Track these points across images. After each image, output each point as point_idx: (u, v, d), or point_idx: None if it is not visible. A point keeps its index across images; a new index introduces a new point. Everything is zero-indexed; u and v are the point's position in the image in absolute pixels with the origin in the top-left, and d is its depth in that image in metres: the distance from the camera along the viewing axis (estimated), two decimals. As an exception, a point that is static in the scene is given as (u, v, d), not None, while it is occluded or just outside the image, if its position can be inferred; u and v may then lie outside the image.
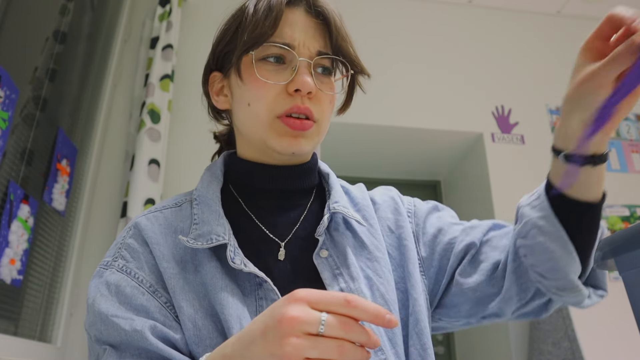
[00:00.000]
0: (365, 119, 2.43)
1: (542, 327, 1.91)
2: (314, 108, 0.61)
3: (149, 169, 1.91)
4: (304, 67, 0.61)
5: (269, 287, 0.56)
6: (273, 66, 0.61)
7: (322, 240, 0.62)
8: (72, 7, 1.76)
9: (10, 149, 1.32)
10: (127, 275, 0.57)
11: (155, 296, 0.56)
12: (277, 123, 0.61)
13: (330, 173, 0.72)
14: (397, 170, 3.03)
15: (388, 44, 2.64)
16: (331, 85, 0.65)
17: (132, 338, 0.52)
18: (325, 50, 0.63)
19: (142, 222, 0.62)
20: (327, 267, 0.60)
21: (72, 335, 1.77)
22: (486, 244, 0.68)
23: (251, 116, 0.62)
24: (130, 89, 2.21)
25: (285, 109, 0.60)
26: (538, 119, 2.63)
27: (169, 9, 2.22)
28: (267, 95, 0.60)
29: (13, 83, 1.25)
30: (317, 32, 0.63)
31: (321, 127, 0.64)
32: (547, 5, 2.84)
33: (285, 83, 0.60)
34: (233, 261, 0.56)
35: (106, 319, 0.54)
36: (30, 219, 1.41)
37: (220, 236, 0.57)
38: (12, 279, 1.33)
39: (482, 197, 2.51)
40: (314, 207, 0.67)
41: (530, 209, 0.59)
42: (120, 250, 0.60)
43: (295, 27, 0.62)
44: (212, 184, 0.65)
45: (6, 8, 1.31)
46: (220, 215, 0.61)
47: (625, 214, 2.46)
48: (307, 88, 0.59)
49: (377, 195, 0.74)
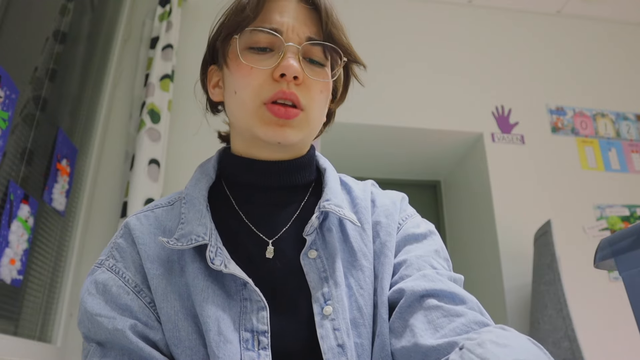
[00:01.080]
0: (365, 119, 2.43)
1: (542, 327, 1.91)
2: (300, 94, 0.59)
3: (149, 169, 1.91)
4: (290, 51, 0.59)
5: (252, 288, 0.55)
6: (260, 54, 0.60)
7: (312, 240, 0.60)
8: (72, 7, 1.76)
9: (10, 149, 1.32)
10: (115, 275, 0.57)
11: (139, 296, 0.56)
12: (262, 110, 0.59)
13: (328, 168, 0.69)
14: (397, 170, 3.03)
15: (388, 44, 2.64)
16: (323, 75, 0.62)
17: (115, 337, 0.53)
18: (317, 38, 0.61)
19: (132, 222, 0.62)
20: (314, 269, 0.58)
21: (72, 335, 1.77)
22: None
23: (238, 104, 0.61)
24: (130, 89, 2.21)
25: (271, 94, 0.58)
26: (538, 119, 2.63)
27: (169, 9, 2.22)
28: (253, 82, 0.59)
29: (13, 83, 1.25)
30: (308, 19, 0.62)
31: (310, 116, 0.61)
32: (547, 5, 2.84)
33: (270, 68, 0.59)
34: (212, 262, 0.55)
35: (92, 317, 0.54)
36: (30, 219, 1.41)
37: (200, 236, 0.56)
38: (12, 279, 1.33)
39: (482, 197, 2.51)
40: (310, 204, 0.65)
41: None
42: (112, 250, 0.60)
43: (284, 14, 0.61)
44: (200, 182, 0.64)
45: (6, 8, 1.31)
46: (203, 215, 0.59)
47: (625, 214, 2.46)
48: (292, 72, 0.57)
49: (379, 198, 0.70)
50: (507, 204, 2.41)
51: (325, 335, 0.54)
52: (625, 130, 2.70)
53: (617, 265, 0.54)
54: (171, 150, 2.09)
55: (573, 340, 1.74)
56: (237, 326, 0.54)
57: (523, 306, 2.23)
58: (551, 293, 1.91)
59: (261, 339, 0.53)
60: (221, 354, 0.51)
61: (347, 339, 0.54)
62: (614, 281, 2.30)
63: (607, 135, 2.66)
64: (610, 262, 0.55)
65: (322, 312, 0.55)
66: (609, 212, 2.46)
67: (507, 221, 2.36)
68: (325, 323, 0.55)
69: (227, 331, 0.53)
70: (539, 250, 2.11)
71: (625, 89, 2.81)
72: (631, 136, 2.69)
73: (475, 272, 2.58)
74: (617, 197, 2.50)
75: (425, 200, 3.09)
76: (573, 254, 2.26)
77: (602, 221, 2.43)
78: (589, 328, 2.09)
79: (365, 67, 0.67)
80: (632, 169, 2.60)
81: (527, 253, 2.25)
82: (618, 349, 2.13)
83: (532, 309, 2.04)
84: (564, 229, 2.32)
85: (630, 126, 2.72)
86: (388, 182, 3.05)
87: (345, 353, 0.53)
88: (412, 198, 3.11)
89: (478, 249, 2.58)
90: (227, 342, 0.52)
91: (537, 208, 2.39)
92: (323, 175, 0.68)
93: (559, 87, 2.73)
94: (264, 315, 0.54)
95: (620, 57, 2.88)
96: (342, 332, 0.54)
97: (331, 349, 0.53)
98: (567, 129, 2.63)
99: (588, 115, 2.69)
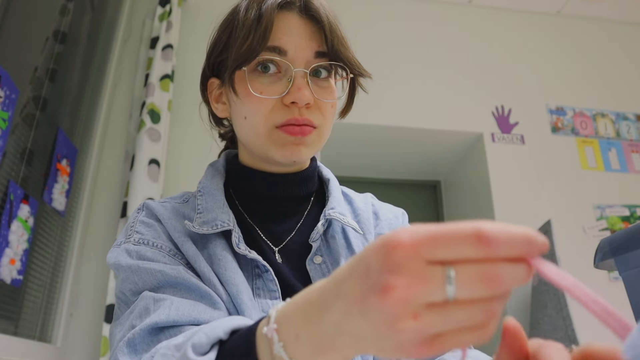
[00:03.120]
0: (365, 119, 2.43)
1: (542, 327, 1.91)
2: (313, 117, 0.60)
3: (149, 169, 1.91)
4: (300, 77, 0.59)
5: (270, 277, 0.57)
6: (267, 78, 0.59)
7: (317, 246, 0.61)
8: (72, 7, 1.75)
9: (10, 149, 1.32)
10: (145, 245, 0.58)
11: (175, 258, 0.57)
12: (276, 133, 0.59)
13: (332, 179, 0.71)
14: (397, 170, 3.03)
15: (388, 44, 2.64)
16: (331, 90, 0.63)
17: (170, 277, 0.53)
18: (323, 50, 0.61)
19: (152, 204, 0.63)
20: (319, 274, 0.60)
21: (72, 335, 1.77)
22: None
23: (249, 128, 0.61)
24: (130, 89, 2.21)
25: (283, 120, 0.59)
26: (538, 119, 2.63)
27: (169, 9, 2.22)
28: (264, 109, 0.59)
29: (13, 83, 1.25)
30: (313, 34, 0.61)
31: (322, 133, 0.62)
32: (547, 5, 2.84)
33: (281, 96, 0.59)
34: (238, 246, 0.56)
35: (138, 268, 0.54)
36: (30, 219, 1.41)
37: (226, 222, 0.58)
38: (12, 279, 1.33)
39: (482, 197, 2.51)
40: (313, 213, 0.67)
41: None
42: (134, 227, 0.61)
43: (289, 32, 0.60)
44: (215, 177, 0.66)
45: (6, 8, 1.31)
46: (225, 205, 0.61)
47: (625, 214, 2.46)
48: (304, 101, 0.58)
49: (382, 211, 0.72)
50: (507, 204, 2.41)
51: None
52: (625, 130, 2.70)
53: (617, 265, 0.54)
54: (171, 150, 2.09)
55: (573, 340, 1.74)
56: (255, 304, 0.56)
57: (523, 306, 2.23)
58: (551, 293, 1.91)
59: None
60: (248, 314, 0.53)
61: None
62: (614, 281, 2.30)
63: (607, 135, 2.66)
64: (610, 262, 0.55)
65: None
66: (609, 212, 2.45)
67: (507, 221, 2.31)
68: None
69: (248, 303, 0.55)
70: (539, 250, 2.11)
71: (625, 89, 2.81)
72: (631, 136, 2.69)
73: (475, 272, 2.58)
74: (617, 197, 2.50)
75: (425, 200, 3.08)
76: (573, 254, 2.26)
77: (602, 221, 2.42)
78: (589, 328, 2.09)
79: (371, 78, 0.66)
80: (632, 169, 2.60)
81: (527, 253, 2.25)
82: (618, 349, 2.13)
83: (532, 309, 2.04)
84: (564, 229, 2.31)
85: (630, 126, 2.72)
86: (388, 182, 3.05)
87: None
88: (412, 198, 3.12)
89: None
90: (251, 310, 0.54)
91: (537, 208, 2.39)
92: (327, 185, 0.70)
93: (559, 87, 2.73)
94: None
95: (620, 57, 2.88)
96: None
97: None
98: (567, 129, 2.63)
99: (588, 115, 2.69)
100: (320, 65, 0.61)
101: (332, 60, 0.61)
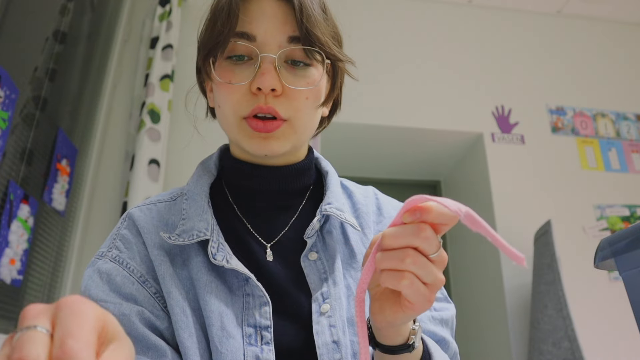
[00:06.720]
0: (365, 119, 2.43)
1: (542, 327, 1.91)
2: (280, 106, 0.56)
3: (149, 169, 1.91)
4: (267, 62, 0.56)
5: (254, 284, 0.55)
6: (238, 66, 0.57)
7: (312, 242, 0.59)
8: (72, 7, 1.76)
9: (10, 149, 1.32)
10: (119, 265, 0.57)
11: (144, 286, 0.56)
12: (243, 124, 0.58)
13: (330, 171, 0.68)
14: (397, 170, 3.03)
15: (388, 44, 2.64)
16: (309, 79, 0.58)
17: (120, 322, 0.52)
18: (297, 36, 0.57)
19: (135, 214, 0.62)
20: (314, 271, 0.58)
21: (72, 335, 1.77)
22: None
23: (222, 117, 0.60)
24: (130, 89, 2.21)
25: (249, 110, 0.56)
26: (538, 119, 2.63)
27: (169, 9, 2.22)
28: (232, 97, 0.57)
29: (13, 83, 1.25)
30: (286, 18, 0.57)
31: (296, 125, 0.58)
32: (547, 5, 2.84)
33: (247, 82, 0.56)
34: (214, 257, 0.55)
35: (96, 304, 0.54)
36: (30, 219, 1.41)
37: (202, 232, 0.56)
38: (12, 279, 1.33)
39: (482, 197, 2.51)
40: (308, 208, 0.64)
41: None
42: (115, 240, 0.60)
43: (259, 17, 0.57)
44: (201, 179, 0.64)
45: (6, 8, 1.31)
46: (205, 211, 0.59)
47: (625, 214, 2.46)
48: (268, 86, 0.55)
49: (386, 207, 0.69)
50: (507, 204, 2.41)
51: (320, 331, 0.54)
52: (625, 130, 2.70)
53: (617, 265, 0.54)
54: (171, 150, 2.09)
55: (573, 340, 1.74)
56: (240, 321, 0.54)
57: (523, 306, 2.23)
58: (551, 293, 1.91)
59: (264, 334, 0.53)
60: (224, 349, 0.51)
61: (343, 336, 0.54)
62: (614, 281, 2.30)
63: (607, 135, 2.66)
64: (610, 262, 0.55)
65: (319, 309, 0.55)
66: (609, 212, 2.46)
67: (507, 221, 2.36)
68: (322, 320, 0.55)
69: (230, 326, 0.53)
70: (539, 250, 2.11)
71: (625, 89, 2.81)
72: (631, 136, 2.69)
73: (476, 272, 2.58)
74: (617, 197, 2.50)
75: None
76: (573, 254, 2.26)
77: (602, 221, 2.42)
78: (589, 328, 2.09)
79: (353, 63, 0.64)
80: (632, 169, 2.60)
81: (527, 253, 2.25)
82: (618, 348, 2.13)
83: (532, 309, 2.04)
84: (564, 229, 2.32)
85: (630, 126, 2.72)
86: (388, 182, 3.05)
87: (339, 350, 0.53)
88: (412, 198, 3.07)
89: (478, 249, 2.58)
90: (229, 337, 0.52)
91: (537, 208, 2.39)
92: (325, 178, 0.67)
93: (559, 87, 2.73)
94: (267, 311, 0.54)
95: (620, 57, 2.88)
96: (338, 329, 0.54)
97: (325, 345, 0.53)
98: (567, 129, 2.63)
99: (588, 115, 2.69)
100: (293, 50, 0.57)
101: (305, 45, 0.57)
